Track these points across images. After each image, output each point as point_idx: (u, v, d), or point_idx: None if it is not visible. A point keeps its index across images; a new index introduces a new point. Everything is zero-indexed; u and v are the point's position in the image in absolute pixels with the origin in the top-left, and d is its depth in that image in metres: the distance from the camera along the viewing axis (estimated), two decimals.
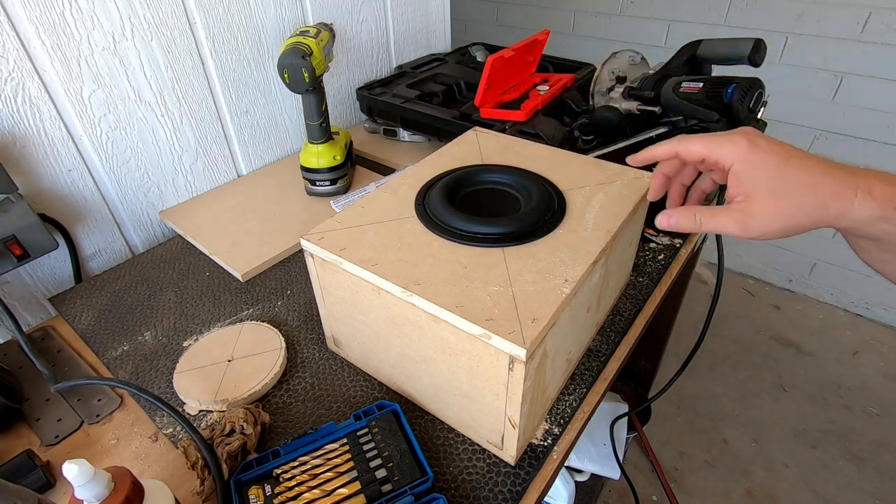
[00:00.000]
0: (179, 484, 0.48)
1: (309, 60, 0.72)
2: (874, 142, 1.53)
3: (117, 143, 0.74)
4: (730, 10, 1.59)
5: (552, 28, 1.62)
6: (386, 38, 1.10)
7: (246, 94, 0.87)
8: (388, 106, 0.97)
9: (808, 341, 1.73)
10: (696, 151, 0.40)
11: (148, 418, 0.54)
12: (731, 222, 0.38)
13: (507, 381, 0.41)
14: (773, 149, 0.37)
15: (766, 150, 0.37)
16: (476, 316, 0.40)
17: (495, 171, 0.59)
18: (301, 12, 0.90)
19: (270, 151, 0.96)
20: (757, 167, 0.37)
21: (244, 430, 0.48)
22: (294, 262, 0.74)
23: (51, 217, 0.70)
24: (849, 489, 1.33)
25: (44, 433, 0.53)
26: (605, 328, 0.62)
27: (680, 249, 0.74)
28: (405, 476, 0.44)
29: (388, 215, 0.53)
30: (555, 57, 1.09)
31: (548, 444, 0.50)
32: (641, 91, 0.79)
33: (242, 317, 0.66)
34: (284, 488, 0.44)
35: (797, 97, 1.59)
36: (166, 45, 0.74)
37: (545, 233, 0.49)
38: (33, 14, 0.61)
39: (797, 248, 1.82)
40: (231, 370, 0.56)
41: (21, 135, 0.65)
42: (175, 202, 0.84)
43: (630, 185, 0.56)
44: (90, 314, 0.67)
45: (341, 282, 0.50)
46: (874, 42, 1.41)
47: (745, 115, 0.70)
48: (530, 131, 0.80)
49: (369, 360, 0.56)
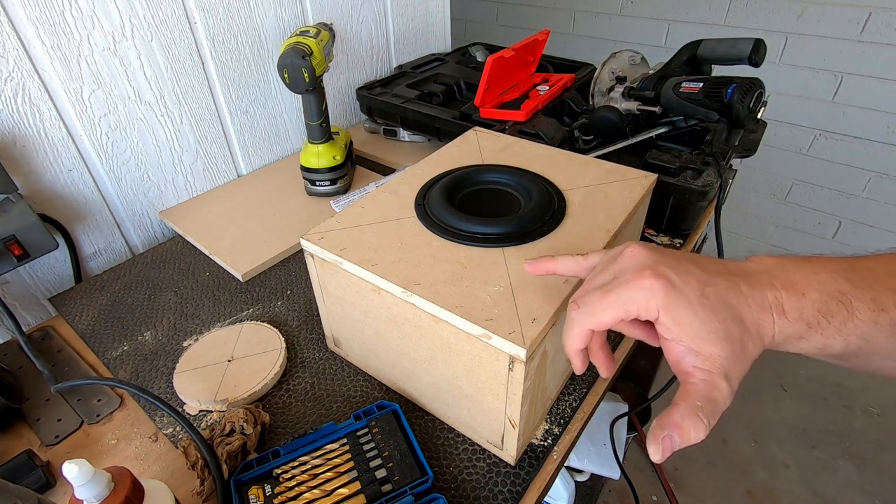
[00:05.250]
0: (179, 484, 0.48)
1: (309, 60, 0.72)
2: (874, 142, 1.53)
3: (117, 143, 0.74)
4: (730, 10, 1.59)
5: (552, 28, 1.62)
6: (386, 38, 1.10)
7: (246, 94, 0.87)
8: (388, 106, 0.97)
9: None
10: (611, 320, 0.33)
11: (148, 418, 0.54)
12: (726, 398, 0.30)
13: (507, 381, 0.41)
14: (685, 280, 0.31)
15: (680, 286, 0.31)
16: (476, 316, 0.40)
17: (495, 171, 0.59)
18: (301, 12, 0.90)
19: (270, 151, 0.96)
20: (682, 310, 0.30)
21: (244, 430, 0.48)
22: (294, 262, 0.74)
23: (51, 217, 0.70)
24: (849, 489, 1.33)
25: (44, 433, 0.53)
26: None
27: (680, 250, 0.74)
28: (405, 476, 0.44)
29: (388, 215, 0.53)
30: (555, 57, 1.09)
31: (548, 444, 0.50)
32: (641, 91, 0.79)
33: (242, 317, 0.65)
34: (284, 488, 0.44)
35: (797, 97, 1.59)
36: (166, 45, 0.74)
37: (545, 233, 0.49)
38: (33, 14, 0.61)
39: (797, 248, 1.82)
40: (231, 370, 0.56)
41: (21, 135, 0.65)
42: (175, 202, 0.84)
43: (630, 185, 0.56)
44: (90, 314, 0.67)
45: (341, 282, 0.50)
46: (874, 42, 1.41)
47: (744, 115, 0.70)
48: (530, 131, 0.80)
49: (369, 360, 0.56)
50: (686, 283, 0.31)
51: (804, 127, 1.62)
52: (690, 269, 0.32)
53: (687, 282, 0.31)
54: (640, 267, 0.32)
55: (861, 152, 1.56)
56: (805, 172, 1.68)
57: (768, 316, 0.31)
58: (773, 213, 1.81)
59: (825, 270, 0.32)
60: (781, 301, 0.31)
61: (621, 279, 0.33)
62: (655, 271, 0.32)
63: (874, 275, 0.31)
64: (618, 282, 0.33)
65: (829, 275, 0.31)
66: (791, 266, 0.32)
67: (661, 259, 0.33)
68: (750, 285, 0.32)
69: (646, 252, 0.34)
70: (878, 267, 0.32)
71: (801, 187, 1.71)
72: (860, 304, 0.30)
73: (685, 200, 0.70)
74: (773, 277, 0.32)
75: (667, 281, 0.31)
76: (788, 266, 0.32)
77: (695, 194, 0.68)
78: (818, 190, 1.69)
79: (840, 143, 1.58)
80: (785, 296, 0.31)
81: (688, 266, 0.32)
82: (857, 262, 0.33)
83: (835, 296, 0.31)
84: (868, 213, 1.63)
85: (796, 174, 1.70)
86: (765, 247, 1.88)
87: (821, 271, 0.32)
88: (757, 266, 0.33)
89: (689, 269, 0.32)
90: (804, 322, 0.31)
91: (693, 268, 0.32)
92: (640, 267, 0.32)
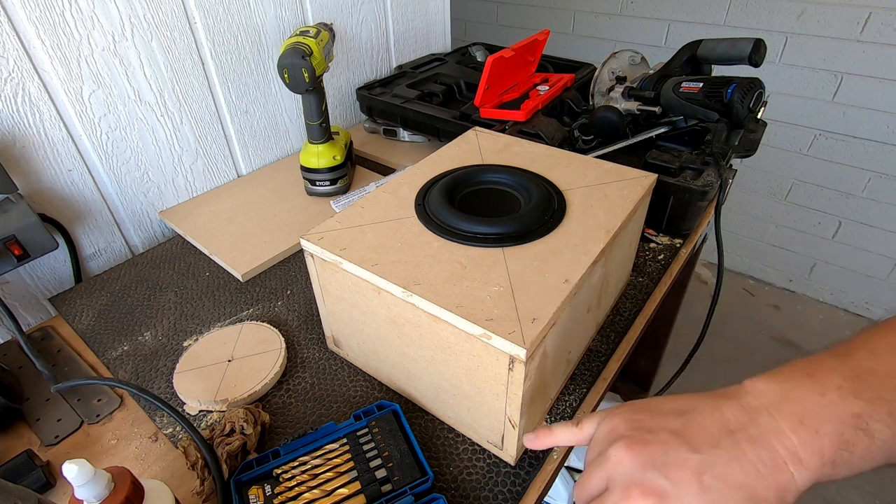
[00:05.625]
0: (179, 484, 0.48)
1: (309, 60, 0.72)
2: (874, 142, 1.53)
3: (117, 143, 0.74)
4: (730, 10, 1.59)
5: (552, 28, 1.63)
6: (386, 38, 1.10)
7: (246, 94, 0.87)
8: (388, 106, 0.97)
9: (808, 341, 1.73)
10: None
11: (148, 418, 0.54)
12: None
13: (507, 381, 0.41)
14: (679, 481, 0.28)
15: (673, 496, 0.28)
16: (476, 316, 0.40)
17: (495, 171, 0.59)
18: (301, 12, 0.90)
19: (270, 151, 0.96)
20: None
21: (244, 430, 0.48)
22: (294, 262, 0.74)
23: (51, 217, 0.70)
24: (849, 489, 1.33)
25: (44, 433, 0.53)
26: (605, 328, 0.62)
27: (680, 249, 0.74)
28: (405, 476, 0.44)
29: (388, 215, 0.53)
30: (555, 57, 1.09)
31: None
32: (641, 91, 0.79)
33: (242, 317, 0.65)
34: (284, 488, 0.44)
35: (797, 97, 1.59)
36: (166, 45, 0.74)
37: (545, 233, 0.49)
38: (33, 14, 0.61)
39: (797, 248, 1.82)
40: (231, 370, 0.56)
41: (21, 135, 0.65)
42: (175, 202, 0.84)
43: (630, 185, 0.56)
44: (90, 314, 0.67)
45: (341, 282, 0.50)
46: (874, 42, 1.41)
47: (744, 115, 0.70)
48: (530, 131, 0.80)
49: (369, 360, 0.56)
50: (680, 483, 0.28)
51: (804, 127, 1.62)
52: (682, 456, 0.29)
53: (681, 481, 0.28)
54: (626, 483, 0.30)
55: (861, 152, 1.56)
56: (805, 172, 1.68)
57: (785, 474, 0.28)
58: (773, 213, 1.81)
59: (831, 389, 0.29)
60: (795, 449, 0.28)
61: (612, 499, 0.30)
62: (643, 489, 0.29)
63: (880, 380, 0.29)
64: (610, 502, 0.30)
65: (837, 394, 0.29)
66: (794, 392, 0.30)
67: (648, 458, 0.30)
68: (754, 442, 0.29)
69: (630, 456, 0.30)
70: (880, 366, 0.30)
71: (801, 187, 1.71)
72: (878, 424, 0.28)
73: (685, 200, 0.70)
74: (777, 415, 0.29)
75: (657, 497, 0.28)
76: (791, 392, 0.30)
77: (695, 194, 0.68)
78: (818, 190, 1.69)
79: (840, 143, 1.58)
80: (797, 441, 0.28)
81: (677, 453, 0.29)
82: (856, 362, 0.30)
83: (850, 422, 0.28)
84: (868, 213, 1.63)
85: (796, 174, 1.70)
86: (765, 246, 1.88)
87: (826, 391, 0.29)
88: (756, 400, 0.30)
89: (681, 457, 0.29)
90: (827, 463, 0.28)
91: (685, 453, 0.29)
92: (627, 483, 0.30)
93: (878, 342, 0.31)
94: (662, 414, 0.32)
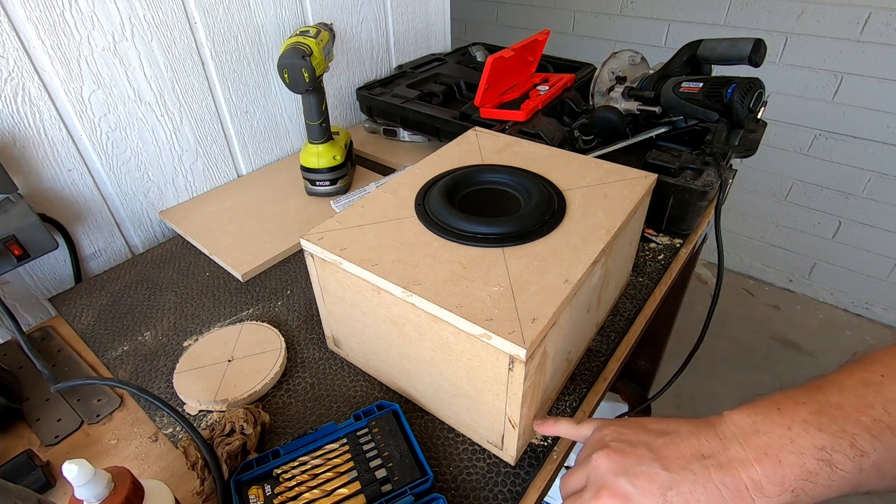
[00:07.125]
0: (179, 484, 0.48)
1: (309, 60, 0.72)
2: (874, 142, 1.53)
3: (117, 143, 0.74)
4: (730, 10, 1.59)
5: (552, 28, 1.63)
6: (386, 38, 1.10)
7: (246, 94, 0.87)
8: (388, 106, 0.97)
9: (808, 341, 1.73)
10: None
11: (148, 418, 0.54)
12: None
13: (507, 381, 0.41)
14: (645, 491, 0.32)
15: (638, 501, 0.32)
16: (476, 316, 0.40)
17: (495, 171, 0.59)
18: (301, 12, 0.90)
19: (270, 151, 0.96)
20: None
21: (244, 430, 0.48)
22: (294, 262, 0.74)
23: (51, 217, 0.70)
24: None
25: (44, 433, 0.53)
26: (605, 328, 0.62)
27: (680, 249, 0.74)
28: (405, 476, 0.44)
29: (388, 215, 0.53)
30: (555, 57, 1.09)
31: (548, 444, 0.50)
32: (641, 91, 0.79)
33: (242, 317, 0.65)
34: (284, 488, 0.44)
35: (797, 97, 1.59)
36: (166, 45, 0.74)
37: (545, 233, 0.49)
38: (33, 14, 0.61)
39: (797, 248, 1.82)
40: (231, 370, 0.56)
41: (21, 135, 0.65)
42: (175, 202, 0.84)
43: (630, 185, 0.56)
44: (90, 314, 0.67)
45: (341, 282, 0.50)
46: (874, 42, 1.41)
47: (744, 115, 0.70)
48: (530, 131, 0.80)
49: (369, 360, 0.56)
50: (646, 493, 0.32)
51: (804, 127, 1.62)
52: (652, 470, 0.32)
53: (647, 492, 0.32)
54: (599, 485, 0.34)
55: (861, 152, 1.56)
56: (805, 172, 1.68)
57: (747, 500, 0.30)
58: (773, 213, 1.81)
59: (796, 422, 0.31)
60: (758, 478, 0.30)
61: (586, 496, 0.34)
62: (612, 491, 0.33)
63: (845, 414, 0.30)
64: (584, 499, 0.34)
65: (801, 427, 0.30)
66: (763, 424, 0.32)
67: (622, 466, 0.33)
68: (721, 468, 0.31)
69: (608, 462, 0.34)
70: (846, 401, 0.31)
71: (801, 187, 1.71)
72: (840, 455, 0.29)
73: (685, 200, 0.70)
74: (745, 445, 0.31)
75: (622, 500, 0.32)
76: (760, 424, 0.32)
77: (695, 194, 0.68)
78: (818, 190, 1.69)
79: (840, 143, 1.58)
80: (761, 470, 0.30)
81: (649, 467, 0.33)
82: (823, 397, 0.32)
83: (812, 454, 0.29)
84: (868, 213, 1.63)
85: (796, 174, 1.70)
86: (765, 246, 1.88)
87: (793, 424, 0.31)
88: (730, 430, 0.33)
89: (651, 471, 0.32)
90: (788, 492, 0.29)
91: (656, 468, 0.32)
92: (600, 485, 0.34)
93: (849, 378, 0.32)
94: (647, 431, 0.35)
